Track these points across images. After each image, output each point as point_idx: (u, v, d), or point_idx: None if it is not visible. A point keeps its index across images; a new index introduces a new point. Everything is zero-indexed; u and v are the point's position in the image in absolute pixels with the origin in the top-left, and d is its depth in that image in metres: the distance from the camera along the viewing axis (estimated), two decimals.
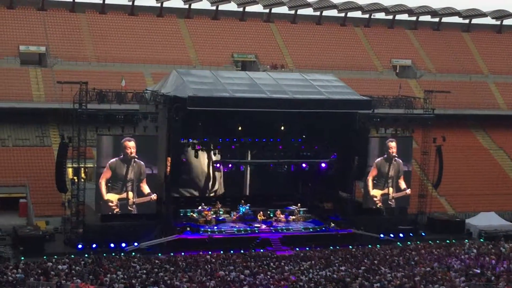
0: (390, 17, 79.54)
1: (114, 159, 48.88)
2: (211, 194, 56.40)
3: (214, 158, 54.93)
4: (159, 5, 72.69)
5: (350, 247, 49.93)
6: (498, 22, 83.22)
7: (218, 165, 54.85)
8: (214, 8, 74.43)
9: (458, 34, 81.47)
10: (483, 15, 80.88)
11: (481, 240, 54.52)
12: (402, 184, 55.86)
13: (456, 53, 78.43)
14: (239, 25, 74.69)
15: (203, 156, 55.04)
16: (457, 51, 78.83)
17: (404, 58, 76.37)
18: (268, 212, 54.62)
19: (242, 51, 71.72)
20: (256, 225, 52.42)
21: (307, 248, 49.19)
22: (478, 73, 76.82)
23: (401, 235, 53.95)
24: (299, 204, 55.63)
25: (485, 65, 78.16)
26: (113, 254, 45.32)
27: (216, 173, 56.15)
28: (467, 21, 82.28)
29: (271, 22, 75.93)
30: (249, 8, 76.05)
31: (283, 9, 77.33)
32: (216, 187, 56.59)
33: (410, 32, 79.68)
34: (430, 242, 52.22)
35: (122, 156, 49.04)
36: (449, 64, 76.59)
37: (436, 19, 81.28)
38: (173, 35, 71.16)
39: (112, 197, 49.11)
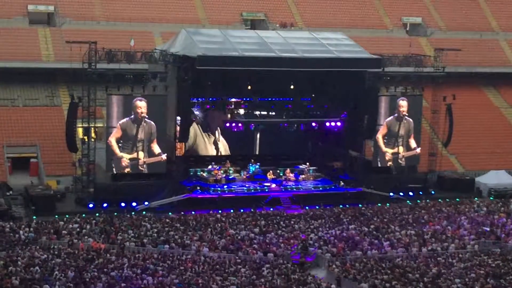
0: None
1: (124, 120, 48.95)
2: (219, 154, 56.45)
3: (223, 117, 54.89)
4: None
5: (360, 205, 50.11)
6: None
7: (227, 124, 54.83)
8: None
9: None
10: None
11: (491, 198, 54.63)
12: (413, 143, 55.81)
13: (466, 11, 77.58)
14: None
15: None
16: (467, 8, 77.96)
17: (415, 16, 75.63)
18: (278, 171, 54.74)
19: (251, 9, 71.20)
20: (266, 184, 52.60)
21: (317, 207, 49.41)
22: (488, 31, 76.08)
23: (410, 193, 54.05)
24: (308, 163, 55.73)
25: (496, 22, 77.39)
26: (124, 213, 45.64)
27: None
28: None
29: None
30: None
31: None
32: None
33: None
34: (439, 200, 52.36)
35: (132, 116, 49.09)
36: (460, 21, 75.87)
37: None
38: None
39: (123, 156, 49.31)
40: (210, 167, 53.80)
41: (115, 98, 48.99)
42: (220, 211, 47.00)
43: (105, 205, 47.66)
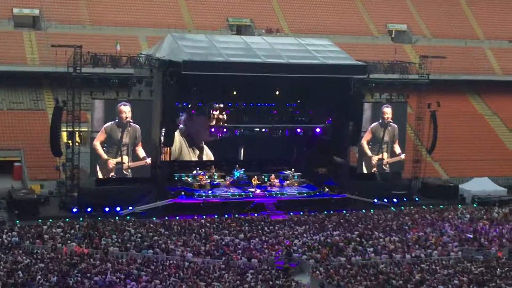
0: None
1: (109, 123, 48.79)
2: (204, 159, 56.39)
3: (208, 122, 54.85)
4: None
5: (344, 211, 50.21)
6: None
7: (212, 129, 54.79)
8: None
9: None
10: None
11: (474, 205, 54.83)
12: (397, 149, 55.98)
13: (451, 18, 78.01)
14: None
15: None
16: (452, 16, 78.41)
17: (400, 23, 76.00)
18: (263, 176, 54.72)
19: (237, 15, 71.29)
20: (250, 189, 52.56)
21: (301, 213, 49.44)
22: (473, 38, 76.51)
23: (395, 200, 54.24)
24: (293, 169, 55.74)
25: (480, 30, 77.85)
26: (108, 218, 45.47)
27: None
28: None
29: None
30: None
31: None
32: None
33: None
34: (423, 207, 52.54)
35: (117, 120, 48.97)
36: (445, 29, 76.27)
37: None
38: None
39: (109, 159, 49.12)
40: (195, 172, 53.73)
41: (99, 102, 48.83)
42: (204, 217, 46.93)
43: (89, 209, 47.48)
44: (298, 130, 56.12)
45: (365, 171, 55.38)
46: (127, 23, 65.87)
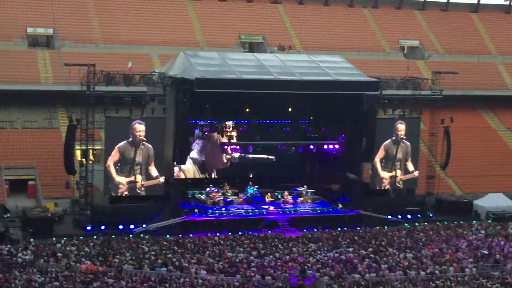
0: None
1: (122, 142, 48.92)
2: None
3: (221, 140, 54.90)
4: None
5: (358, 228, 50.02)
6: (507, 2, 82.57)
7: (225, 147, 54.85)
8: None
9: (466, 14, 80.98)
10: None
11: (489, 221, 54.54)
12: (410, 166, 55.80)
13: (464, 34, 78.02)
14: (246, 6, 74.39)
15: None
16: (465, 31, 78.43)
17: (412, 39, 76.00)
18: (276, 193, 54.65)
19: (250, 32, 71.51)
20: (264, 206, 52.49)
21: (315, 230, 49.32)
22: (486, 54, 76.42)
23: (408, 216, 53.99)
24: (306, 186, 55.64)
25: (493, 45, 77.78)
26: (122, 236, 45.54)
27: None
28: (475, 1, 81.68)
29: (279, 3, 75.56)
30: None
31: None
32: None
33: (418, 13, 79.23)
34: (438, 223, 52.33)
35: (130, 139, 49.09)
36: (457, 44, 76.23)
37: (444, 0, 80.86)
38: (180, 16, 70.94)
39: (121, 180, 49.26)
40: (208, 189, 53.72)
41: (113, 121, 49.03)
42: (218, 234, 46.91)
43: (102, 227, 47.56)
44: (311, 146, 56.11)
45: (378, 187, 55.26)
46: (139, 42, 66.18)
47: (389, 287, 36.38)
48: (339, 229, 49.52)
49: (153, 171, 49.77)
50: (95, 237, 44.50)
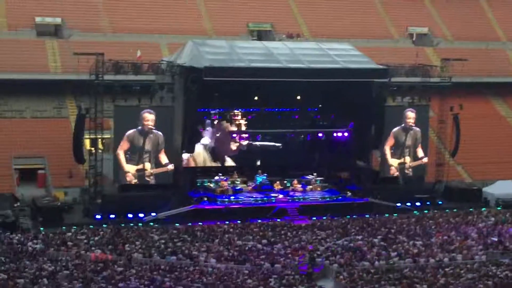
0: None
1: (131, 131, 49.07)
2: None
3: (230, 128, 54.92)
4: None
5: (367, 216, 50.03)
6: None
7: (234, 135, 54.86)
8: None
9: (475, 0, 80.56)
10: None
11: (498, 208, 54.45)
12: (420, 153, 55.75)
13: (473, 20, 77.62)
14: None
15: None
16: (474, 18, 78.04)
17: (421, 26, 75.67)
18: (285, 181, 54.68)
19: (258, 20, 71.35)
20: (273, 194, 52.55)
21: (324, 218, 49.35)
22: (495, 40, 76.05)
23: (418, 204, 53.97)
24: (315, 174, 55.65)
25: (502, 32, 77.39)
26: (131, 224, 45.67)
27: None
28: None
29: None
30: None
31: None
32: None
33: (426, 0, 78.90)
34: (447, 210, 52.30)
35: (140, 128, 49.20)
36: (466, 31, 75.87)
37: None
38: (189, 5, 70.83)
39: (130, 168, 49.43)
40: (217, 178, 53.77)
41: (122, 110, 49.12)
42: (227, 222, 47.00)
43: (112, 216, 47.70)
44: (320, 134, 56.03)
45: (387, 175, 55.20)
46: (148, 30, 66.11)
47: (399, 274, 36.37)
48: (348, 217, 49.51)
49: (163, 159, 49.90)
50: (104, 225, 44.61)
